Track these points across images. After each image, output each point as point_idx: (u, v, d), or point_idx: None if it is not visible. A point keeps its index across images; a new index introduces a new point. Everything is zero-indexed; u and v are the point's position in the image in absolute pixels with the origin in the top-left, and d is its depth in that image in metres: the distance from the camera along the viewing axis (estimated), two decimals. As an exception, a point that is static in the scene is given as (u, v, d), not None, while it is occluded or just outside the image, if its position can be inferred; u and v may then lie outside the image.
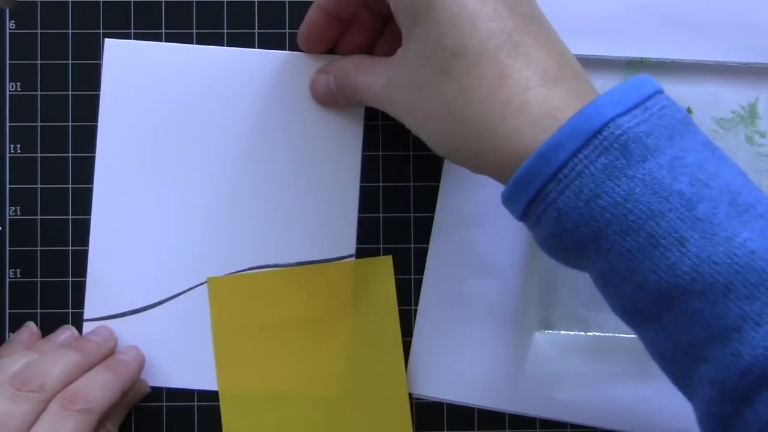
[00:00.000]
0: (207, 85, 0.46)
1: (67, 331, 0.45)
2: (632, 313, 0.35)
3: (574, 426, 0.46)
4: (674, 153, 0.33)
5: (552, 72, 0.36)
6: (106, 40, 0.46)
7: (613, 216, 0.33)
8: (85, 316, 0.46)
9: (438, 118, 0.37)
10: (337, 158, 0.46)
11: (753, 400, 0.31)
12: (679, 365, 0.34)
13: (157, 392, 0.46)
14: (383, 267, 0.46)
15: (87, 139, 0.46)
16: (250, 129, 0.46)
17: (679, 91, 0.46)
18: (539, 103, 0.35)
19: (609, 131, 0.33)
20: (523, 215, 0.36)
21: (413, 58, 0.38)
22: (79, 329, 0.46)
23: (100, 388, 0.41)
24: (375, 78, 0.41)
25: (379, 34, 0.45)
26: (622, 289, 0.34)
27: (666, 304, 0.33)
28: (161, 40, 0.46)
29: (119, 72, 0.46)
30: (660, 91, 0.35)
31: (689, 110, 0.46)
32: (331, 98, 0.45)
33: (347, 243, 0.46)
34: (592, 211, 0.34)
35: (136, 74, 0.46)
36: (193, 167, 0.46)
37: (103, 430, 0.42)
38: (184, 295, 0.46)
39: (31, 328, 0.46)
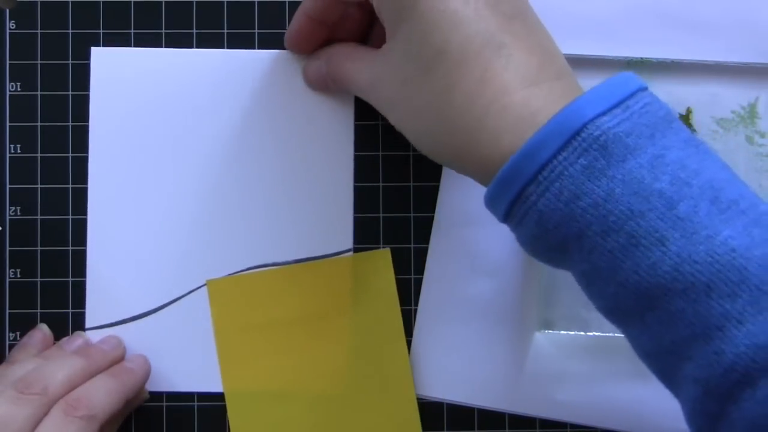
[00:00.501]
0: (197, 87, 0.46)
1: (79, 339, 0.45)
2: (616, 313, 0.35)
3: (574, 426, 0.46)
4: (655, 152, 0.33)
5: (533, 73, 0.35)
6: (92, 48, 0.46)
7: (594, 217, 0.33)
8: (87, 325, 0.46)
9: (422, 114, 0.37)
10: (330, 153, 0.46)
11: (737, 398, 0.31)
12: (664, 363, 0.34)
13: (157, 393, 0.46)
14: (382, 259, 0.46)
15: (87, 139, 0.46)
16: (240, 129, 0.46)
17: (679, 91, 0.46)
18: (521, 104, 0.35)
19: (588, 132, 0.33)
20: (506, 217, 0.36)
21: (398, 55, 0.38)
22: (80, 333, 0.46)
23: (103, 395, 0.41)
24: (363, 69, 0.41)
25: (371, 26, 0.45)
26: (605, 289, 0.34)
27: (648, 304, 0.33)
28: (161, 41, 0.46)
29: (107, 79, 0.46)
30: (643, 88, 0.35)
31: (689, 110, 0.46)
32: (322, 83, 0.45)
33: (344, 238, 0.46)
34: (572, 213, 0.33)
35: (125, 80, 0.46)
36: (186, 170, 0.46)
37: None
38: (184, 298, 0.46)
39: (43, 330, 0.45)
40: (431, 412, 0.46)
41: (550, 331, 0.46)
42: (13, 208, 0.46)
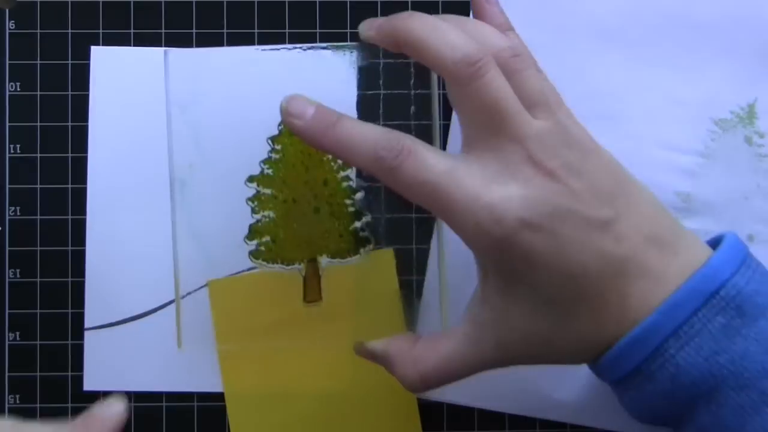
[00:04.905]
0: (198, 86, 0.46)
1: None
2: None
3: (574, 426, 0.46)
4: None
5: (659, 273, 0.37)
6: (92, 48, 0.46)
7: (730, 372, 0.35)
8: (86, 325, 0.46)
9: (571, 350, 0.38)
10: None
11: None
12: None
13: (157, 393, 0.46)
14: (384, 260, 0.46)
15: (86, 139, 0.46)
16: (240, 129, 0.46)
17: (678, 91, 0.46)
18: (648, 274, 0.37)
19: (726, 291, 0.35)
20: (630, 375, 0.37)
21: (524, 316, 0.37)
22: (80, 336, 0.46)
23: None
24: (451, 355, 0.39)
25: None
26: None
27: None
28: (161, 41, 0.46)
29: (107, 79, 0.46)
30: (747, 248, 0.38)
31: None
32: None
33: (346, 239, 0.46)
34: (711, 368, 0.35)
35: (125, 80, 0.46)
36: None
37: None
38: (184, 298, 0.46)
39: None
40: (431, 412, 0.46)
41: (550, 331, 0.46)
42: (13, 208, 0.46)
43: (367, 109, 0.46)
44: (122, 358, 0.45)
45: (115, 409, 0.37)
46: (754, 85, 0.46)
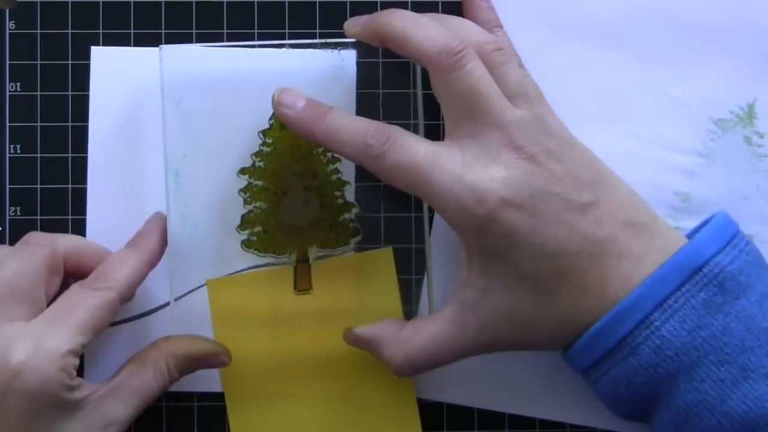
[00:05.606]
0: (193, 80, 0.45)
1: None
2: None
3: (573, 426, 0.47)
4: (762, 290, 0.37)
5: (638, 254, 0.38)
6: (92, 48, 0.46)
7: (711, 347, 0.36)
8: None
9: (551, 332, 0.39)
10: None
11: None
12: None
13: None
14: (384, 258, 0.46)
15: (87, 140, 0.46)
16: (239, 129, 0.46)
17: (678, 91, 0.46)
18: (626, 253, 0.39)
19: (708, 269, 0.37)
20: (610, 351, 0.38)
21: (506, 296, 0.38)
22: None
23: (118, 266, 0.42)
24: (443, 337, 0.40)
25: None
26: (707, 421, 0.36)
27: None
28: (160, 41, 0.46)
29: (107, 79, 0.46)
30: (738, 227, 0.39)
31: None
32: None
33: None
34: (694, 341, 0.36)
35: (125, 80, 0.46)
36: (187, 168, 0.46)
37: (164, 365, 0.42)
38: (183, 298, 0.46)
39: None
40: (431, 412, 0.46)
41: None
42: (13, 208, 0.46)
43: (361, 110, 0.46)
44: (122, 357, 0.45)
45: (156, 217, 0.45)
46: (753, 85, 0.47)
